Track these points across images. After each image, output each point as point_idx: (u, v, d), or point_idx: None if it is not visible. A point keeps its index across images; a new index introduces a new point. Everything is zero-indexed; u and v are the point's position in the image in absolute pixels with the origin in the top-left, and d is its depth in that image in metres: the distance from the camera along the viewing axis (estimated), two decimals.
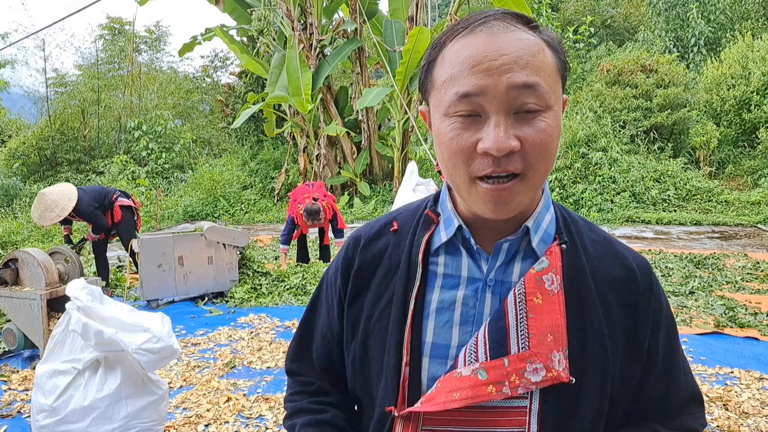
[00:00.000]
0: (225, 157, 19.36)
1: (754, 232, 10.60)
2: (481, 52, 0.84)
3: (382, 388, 0.97)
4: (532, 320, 0.89)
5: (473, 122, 0.85)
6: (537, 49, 0.86)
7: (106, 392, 2.88)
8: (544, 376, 0.87)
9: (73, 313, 2.86)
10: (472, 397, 0.88)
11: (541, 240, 0.95)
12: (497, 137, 0.82)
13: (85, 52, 24.38)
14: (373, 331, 1.00)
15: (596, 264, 0.96)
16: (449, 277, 0.97)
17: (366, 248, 1.06)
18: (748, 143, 15.51)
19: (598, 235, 1.01)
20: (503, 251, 0.95)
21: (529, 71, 0.83)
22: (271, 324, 5.57)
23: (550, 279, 0.91)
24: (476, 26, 0.87)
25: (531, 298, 0.90)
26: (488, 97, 0.83)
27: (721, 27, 20.77)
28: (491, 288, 0.94)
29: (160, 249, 6.21)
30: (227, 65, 25.31)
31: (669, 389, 1.00)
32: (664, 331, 0.99)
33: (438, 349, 0.95)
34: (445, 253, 0.99)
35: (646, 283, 0.98)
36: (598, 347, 0.91)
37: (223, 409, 3.75)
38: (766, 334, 5.04)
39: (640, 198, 13.34)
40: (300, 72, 13.02)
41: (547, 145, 0.85)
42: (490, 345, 0.89)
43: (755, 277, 7.12)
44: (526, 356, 0.88)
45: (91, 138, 20.19)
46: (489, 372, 0.88)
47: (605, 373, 0.92)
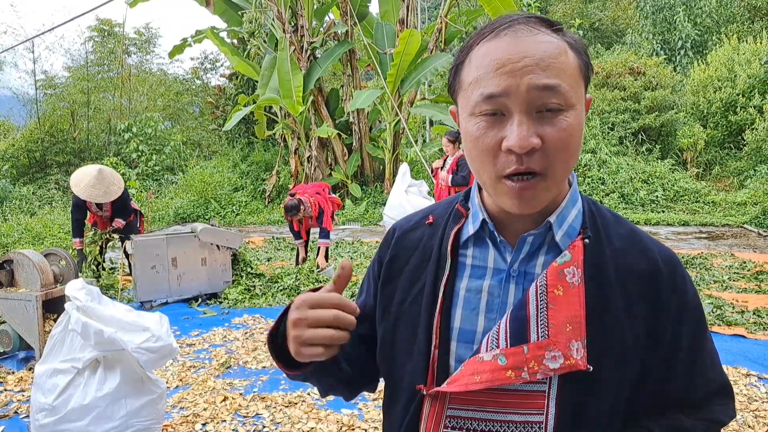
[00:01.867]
0: (216, 159, 19.33)
1: (740, 232, 10.74)
2: (505, 55, 0.89)
3: (411, 368, 1.04)
4: (552, 311, 0.94)
5: (498, 121, 0.90)
6: (559, 52, 0.90)
7: (105, 391, 2.91)
8: (562, 364, 0.91)
9: (72, 313, 2.89)
10: (491, 380, 0.93)
11: (565, 234, 1.00)
12: (520, 135, 0.87)
13: (75, 54, 24.28)
14: (405, 314, 1.07)
15: (620, 257, 1.00)
16: (477, 268, 1.03)
17: (401, 239, 1.15)
18: (734, 145, 15.71)
19: (625, 229, 1.05)
20: (527, 244, 1.00)
21: (550, 73, 0.88)
22: (265, 324, 5.61)
23: (571, 272, 0.95)
24: (501, 30, 0.92)
25: (552, 289, 0.94)
26: (511, 97, 0.88)
27: (708, 30, 21.02)
28: (515, 279, 1.00)
29: (153, 250, 6.23)
30: (217, 67, 25.27)
31: (694, 382, 1.02)
32: (690, 324, 1.01)
33: (465, 334, 1.01)
34: (474, 245, 1.05)
35: (670, 277, 1.00)
36: (617, 338, 0.95)
37: (219, 408, 3.79)
38: (753, 331, 5.14)
39: (629, 199, 13.48)
40: (291, 74, 13.05)
41: (568, 143, 0.90)
42: (511, 333, 0.94)
43: (742, 276, 7.24)
44: (545, 344, 0.93)
45: (80, 140, 20.09)
46: (509, 358, 0.93)
47: (623, 363, 0.95)
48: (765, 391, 3.97)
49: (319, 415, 3.66)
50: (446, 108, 13.50)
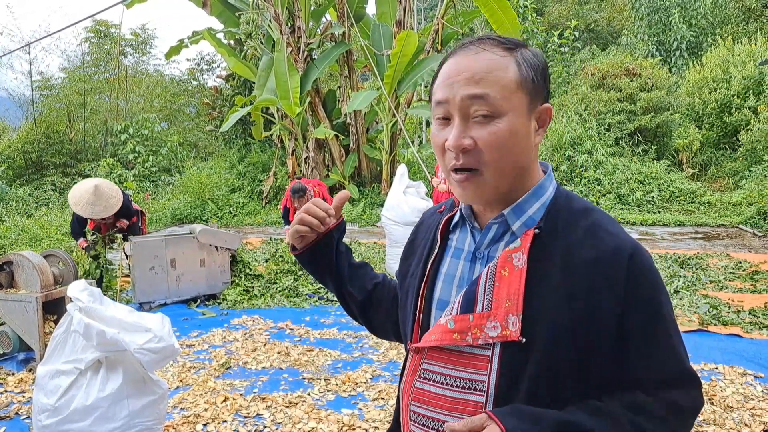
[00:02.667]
0: (212, 160, 19.31)
1: (735, 233, 10.80)
2: (452, 69, 1.09)
3: (408, 328, 1.27)
4: (496, 288, 1.09)
5: (446, 125, 1.11)
6: (496, 67, 1.06)
7: (107, 392, 2.92)
8: (499, 333, 1.07)
9: (74, 314, 2.91)
10: (440, 340, 1.13)
11: (523, 224, 1.13)
12: (454, 136, 1.07)
13: (71, 55, 24.23)
14: (410, 285, 1.30)
15: (574, 247, 1.08)
16: (457, 249, 1.23)
17: (420, 224, 1.40)
18: (730, 145, 15.78)
19: (589, 221, 1.11)
20: (491, 230, 1.16)
21: (481, 85, 1.05)
22: (264, 325, 5.63)
23: (518, 257, 1.09)
24: (459, 49, 1.12)
25: (500, 270, 1.10)
26: (450, 104, 1.08)
27: (703, 31, 21.10)
28: (480, 259, 1.17)
29: (152, 251, 6.24)
30: (214, 68, 25.25)
31: (652, 366, 1.07)
32: (641, 311, 1.06)
33: (442, 303, 1.20)
34: (459, 230, 1.25)
35: (619, 267, 1.05)
36: (553, 316, 1.05)
37: (220, 408, 3.80)
38: (749, 331, 5.18)
39: (625, 199, 13.53)
40: (288, 75, 13.06)
41: (497, 145, 1.06)
42: (462, 303, 1.12)
43: (737, 276, 7.29)
44: (487, 315, 1.09)
45: (77, 141, 20.05)
46: (456, 323, 1.11)
47: (557, 339, 1.05)
48: (761, 389, 4.01)
49: (319, 415, 3.68)
50: None
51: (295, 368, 4.52)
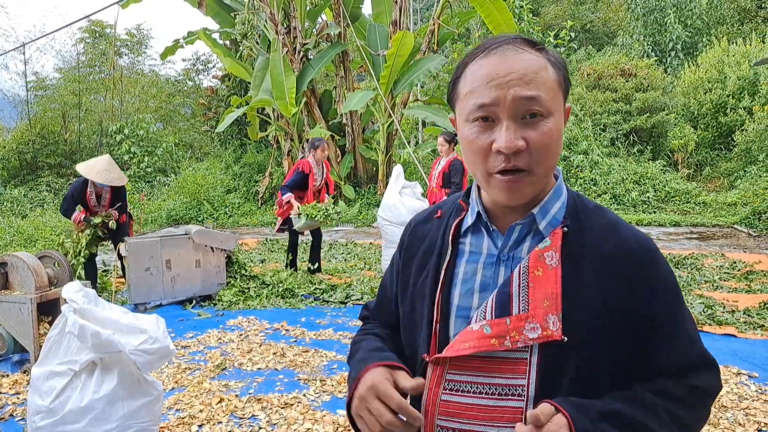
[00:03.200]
0: (208, 161, 19.27)
1: (730, 233, 10.83)
2: (494, 71, 1.06)
3: (420, 340, 1.21)
4: (532, 288, 1.08)
5: (489, 127, 1.07)
6: (540, 68, 1.07)
7: (102, 393, 2.91)
8: (539, 334, 1.06)
9: (69, 316, 2.89)
10: (478, 346, 1.09)
11: (548, 223, 1.14)
12: (508, 138, 1.04)
13: (66, 55, 24.16)
14: (417, 294, 1.25)
15: (598, 243, 1.11)
16: (473, 254, 1.19)
17: (414, 230, 1.34)
18: (725, 146, 15.84)
19: (606, 219, 1.16)
20: (515, 232, 1.15)
21: (531, 86, 1.04)
22: (260, 326, 5.62)
23: (550, 255, 1.09)
24: (492, 50, 1.09)
25: (533, 270, 1.09)
26: (500, 106, 1.05)
27: (698, 32, 21.17)
28: (504, 262, 1.15)
29: (147, 252, 6.22)
30: (209, 68, 25.20)
31: (673, 350, 1.11)
32: (663, 299, 1.11)
33: (462, 310, 1.16)
34: (471, 234, 1.21)
35: (642, 258, 1.11)
36: (590, 312, 1.06)
37: (215, 409, 3.80)
38: (743, 330, 5.20)
39: (621, 200, 13.57)
40: (284, 75, 13.05)
41: (547, 145, 1.06)
42: (496, 307, 1.10)
43: (732, 276, 7.31)
44: (525, 317, 1.07)
45: (72, 142, 19.99)
46: (493, 328, 1.08)
47: (596, 335, 1.06)
48: (755, 389, 4.02)
49: (315, 416, 3.68)
50: (439, 109, 13.54)
51: (290, 369, 4.51)
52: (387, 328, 1.40)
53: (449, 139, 7.18)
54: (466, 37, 22.77)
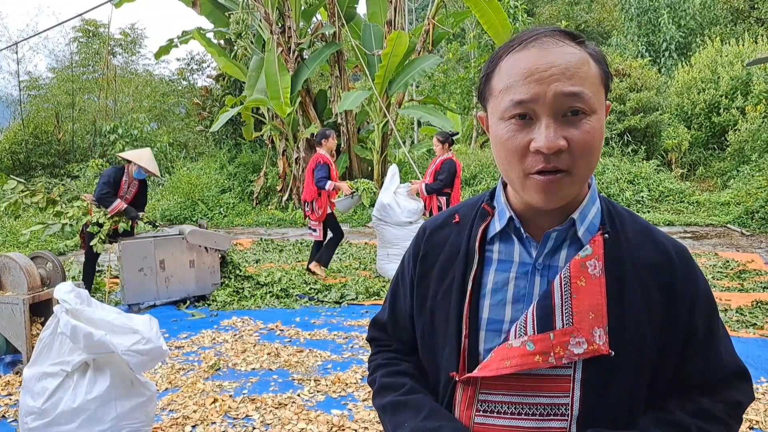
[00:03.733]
0: (203, 161, 19.23)
1: (723, 232, 10.88)
2: (533, 65, 0.97)
3: (446, 356, 1.12)
4: (575, 300, 1.01)
5: (526, 125, 0.99)
6: (582, 62, 0.99)
7: (95, 394, 2.90)
8: (585, 349, 0.99)
9: (61, 316, 2.88)
10: (521, 364, 1.00)
11: (586, 230, 1.07)
12: (548, 137, 0.95)
13: (59, 55, 24.04)
14: (438, 306, 1.15)
15: (636, 251, 1.07)
16: (503, 262, 1.11)
17: (431, 237, 1.23)
18: (718, 145, 15.90)
19: (640, 225, 1.12)
20: (551, 239, 1.07)
21: (574, 81, 0.96)
22: (254, 326, 5.61)
23: (593, 264, 1.03)
24: (529, 42, 1.00)
25: (575, 281, 1.02)
26: (539, 103, 0.96)
27: (691, 32, 21.26)
28: (540, 271, 1.07)
29: (141, 253, 6.20)
30: (203, 68, 25.15)
31: (710, 364, 1.08)
32: (702, 310, 1.08)
33: (493, 323, 1.08)
34: (500, 241, 1.12)
35: (683, 266, 1.08)
36: (636, 324, 1.02)
37: (209, 410, 3.79)
38: (736, 329, 5.22)
39: (615, 199, 13.55)
40: (278, 75, 13.03)
41: (590, 144, 0.98)
42: (538, 321, 1.02)
43: (725, 275, 7.34)
44: (569, 331, 1.00)
45: (65, 142, 19.92)
46: (536, 344, 1.01)
47: (642, 347, 1.02)
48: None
49: (309, 416, 3.68)
50: (434, 109, 13.54)
51: (284, 369, 4.51)
52: (405, 347, 1.29)
53: (443, 140, 7.16)
54: (461, 37, 22.80)
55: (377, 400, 1.23)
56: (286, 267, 8.17)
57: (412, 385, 1.19)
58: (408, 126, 19.01)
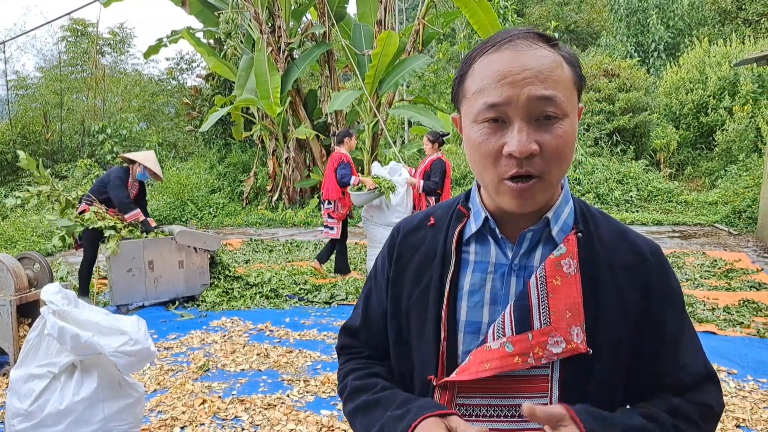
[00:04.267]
0: (192, 161, 19.13)
1: (711, 231, 10.96)
2: (507, 67, 0.96)
3: (422, 360, 1.11)
4: (552, 299, 1.02)
5: (499, 128, 0.98)
6: (555, 65, 0.98)
7: (82, 395, 2.89)
8: (564, 348, 0.99)
9: (48, 317, 2.86)
10: (500, 366, 1.00)
11: (560, 230, 1.07)
12: (520, 142, 0.95)
13: (47, 54, 23.87)
14: (414, 308, 1.14)
15: (611, 251, 1.07)
16: (479, 263, 1.10)
17: (405, 238, 1.21)
18: (706, 145, 16.02)
19: (613, 225, 1.13)
20: (527, 240, 1.07)
21: (547, 84, 0.95)
22: (244, 327, 5.59)
23: (567, 263, 1.03)
24: (502, 44, 0.99)
25: (551, 280, 1.02)
26: (512, 106, 0.95)
27: (680, 33, 21.41)
28: (516, 272, 1.07)
29: (129, 253, 6.17)
30: (193, 68, 25.01)
31: (681, 365, 1.09)
32: (675, 310, 1.09)
33: (471, 325, 1.08)
34: (476, 243, 1.12)
35: (657, 266, 1.08)
36: (612, 322, 1.03)
37: (198, 411, 3.77)
38: (723, 328, 5.27)
39: (604, 199, 13.68)
40: (268, 75, 12.98)
41: (562, 149, 0.98)
42: (516, 321, 1.02)
43: (713, 274, 7.40)
44: (547, 331, 1.00)
45: (53, 142, 19.75)
46: (515, 345, 1.00)
47: (618, 345, 1.03)
48: (734, 386, 4.07)
49: (298, 416, 3.67)
50: (424, 109, 13.54)
51: (274, 370, 4.50)
52: (378, 353, 1.26)
53: (433, 139, 7.16)
54: (452, 37, 22.82)
55: (348, 405, 1.20)
56: (276, 267, 8.15)
57: (384, 384, 1.17)
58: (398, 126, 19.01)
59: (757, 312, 5.69)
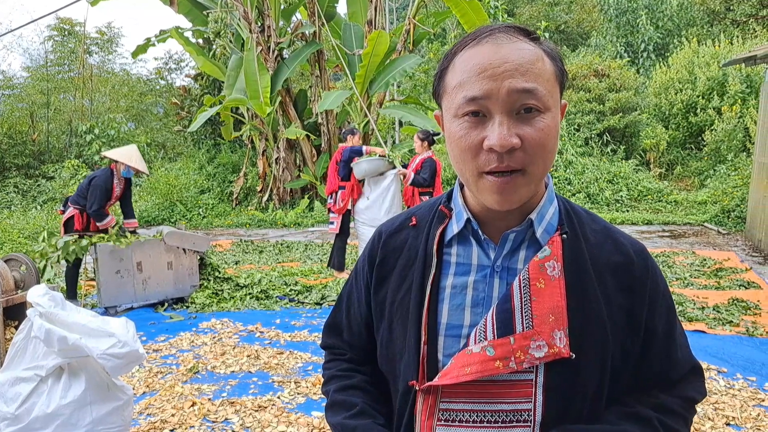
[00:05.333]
0: (181, 161, 19.03)
1: (701, 231, 11.03)
2: (487, 60, 0.95)
3: (404, 365, 1.08)
4: (535, 303, 0.99)
5: (480, 122, 0.96)
6: (536, 58, 0.96)
7: (70, 398, 2.84)
8: (546, 352, 0.97)
9: (35, 320, 2.82)
10: (481, 371, 0.98)
11: (544, 231, 1.05)
12: (501, 135, 0.93)
13: (34, 54, 23.63)
14: (396, 314, 1.11)
15: (596, 251, 1.06)
16: (461, 265, 1.08)
17: (388, 241, 1.18)
18: (695, 145, 16.12)
19: (599, 225, 1.11)
20: (509, 241, 1.05)
21: (528, 77, 0.94)
22: (233, 328, 5.55)
23: (551, 266, 1.01)
24: (483, 38, 0.98)
25: (534, 282, 1.00)
26: (492, 99, 0.94)
27: (669, 33, 21.56)
28: (498, 274, 1.05)
29: (118, 255, 6.11)
30: (182, 67, 24.87)
31: (668, 363, 1.09)
32: (662, 310, 1.08)
33: (452, 328, 1.05)
34: (458, 244, 1.09)
35: (643, 267, 1.07)
36: (597, 326, 1.01)
37: (188, 413, 3.73)
38: (713, 327, 5.29)
39: (595, 199, 13.73)
40: (258, 75, 12.94)
41: (544, 142, 0.96)
42: (498, 325, 1.00)
43: (702, 273, 7.44)
44: (530, 334, 0.98)
45: (40, 142, 19.58)
46: (496, 349, 0.98)
47: (604, 349, 1.01)
48: (724, 384, 4.08)
49: (289, 418, 3.64)
50: (415, 109, 13.54)
51: (264, 371, 4.47)
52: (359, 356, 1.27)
53: (423, 137, 7.17)
54: (442, 37, 22.85)
55: (329, 416, 1.20)
56: (266, 268, 8.11)
57: (362, 406, 1.16)
58: (389, 126, 19.00)
59: (746, 311, 5.72)
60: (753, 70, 14.75)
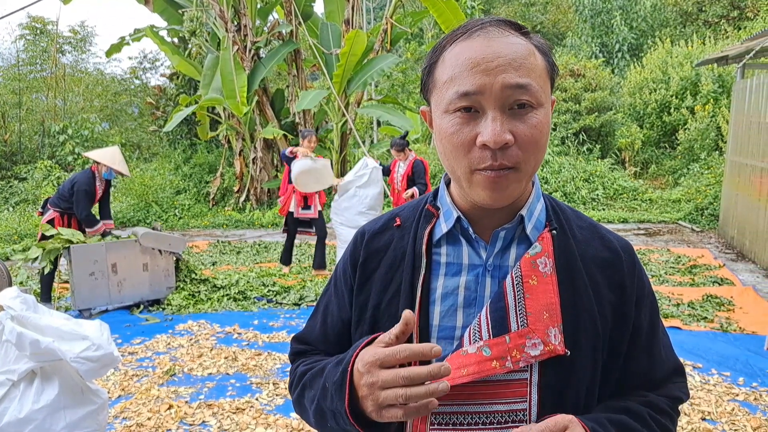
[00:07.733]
0: (156, 162, 18.78)
1: (675, 228, 11.19)
2: (479, 54, 0.92)
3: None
4: (528, 300, 0.98)
5: (472, 118, 0.94)
6: (528, 53, 0.95)
7: (42, 403, 2.78)
8: (542, 350, 0.96)
9: (6, 323, 2.76)
10: (478, 372, 0.96)
11: (534, 227, 1.04)
12: (494, 131, 0.90)
13: (5, 53, 23.17)
14: (383, 317, 1.07)
15: (584, 248, 1.05)
16: (451, 265, 1.05)
17: (370, 242, 1.14)
18: (669, 144, 16.36)
19: (585, 222, 1.11)
20: (500, 239, 1.03)
21: (522, 72, 0.92)
22: (211, 330, 5.50)
23: (543, 262, 1.00)
24: (474, 31, 0.96)
25: (527, 280, 0.99)
26: (486, 95, 0.92)
27: (643, 34, 21.84)
28: (490, 272, 1.03)
29: (92, 256, 6.00)
30: (157, 67, 24.53)
31: (653, 361, 1.09)
32: (647, 307, 1.09)
33: (444, 330, 1.03)
34: (447, 244, 1.07)
35: (630, 263, 1.08)
36: (589, 322, 1.00)
37: (164, 417, 3.69)
38: (688, 323, 5.37)
39: (571, 197, 13.85)
40: (234, 74, 12.83)
41: (537, 139, 0.94)
42: (492, 324, 0.98)
43: (677, 270, 7.55)
44: (525, 332, 0.97)
45: (12, 143, 19.19)
46: (492, 349, 0.97)
47: (596, 345, 1.01)
48: (699, 379, 4.14)
49: (267, 420, 3.61)
50: (393, 108, 13.54)
51: (242, 373, 4.42)
52: None
53: (400, 148, 7.31)
54: (420, 36, 22.89)
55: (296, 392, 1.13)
56: (244, 269, 8.04)
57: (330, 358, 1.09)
58: (367, 125, 18.98)
59: (720, 307, 5.82)
60: (725, 70, 15.01)
